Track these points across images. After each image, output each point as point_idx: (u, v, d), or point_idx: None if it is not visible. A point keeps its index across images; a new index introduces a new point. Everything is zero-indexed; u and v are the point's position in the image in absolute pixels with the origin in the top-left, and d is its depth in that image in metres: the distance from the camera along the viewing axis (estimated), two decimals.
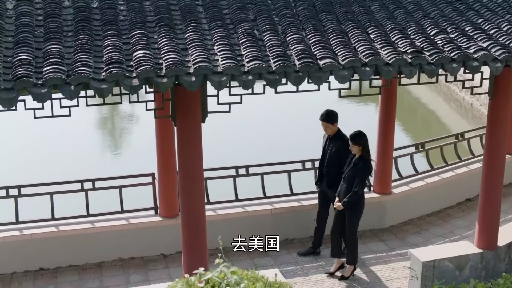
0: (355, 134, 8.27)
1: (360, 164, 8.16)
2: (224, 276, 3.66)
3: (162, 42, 6.14)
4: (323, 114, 8.77)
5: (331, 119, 8.74)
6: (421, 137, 15.70)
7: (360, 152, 8.19)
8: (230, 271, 3.71)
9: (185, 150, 6.74)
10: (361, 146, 8.17)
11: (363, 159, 8.18)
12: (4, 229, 8.69)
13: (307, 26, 6.71)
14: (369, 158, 8.33)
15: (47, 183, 9.05)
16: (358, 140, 8.20)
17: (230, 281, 3.57)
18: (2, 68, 5.60)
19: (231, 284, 3.55)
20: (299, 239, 9.56)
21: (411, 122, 20.81)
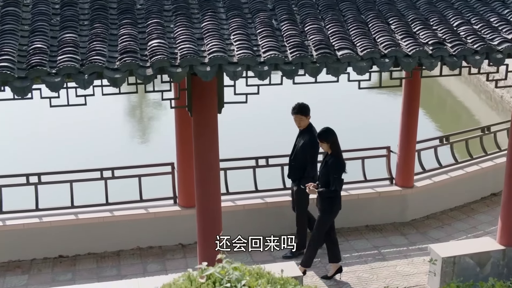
0: (322, 131, 8.11)
1: (331, 161, 8.00)
2: (226, 272, 3.60)
3: (178, 32, 6.07)
4: (295, 107, 8.59)
5: (304, 111, 8.58)
6: (449, 129, 15.46)
7: (329, 149, 8.04)
8: (232, 267, 3.64)
9: (201, 141, 6.70)
10: (329, 143, 8.00)
11: (333, 156, 8.01)
12: (24, 216, 8.76)
13: (326, 16, 6.58)
14: (340, 155, 8.10)
15: (67, 171, 9.08)
16: (325, 137, 8.03)
17: (231, 277, 3.51)
18: (17, 56, 5.59)
19: (232, 281, 3.48)
20: None
21: (440, 113, 20.48)
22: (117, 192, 9.34)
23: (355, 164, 9.94)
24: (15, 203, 8.97)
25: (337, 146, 8.05)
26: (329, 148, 8.05)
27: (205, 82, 5.97)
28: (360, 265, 8.51)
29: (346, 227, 9.56)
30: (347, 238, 9.27)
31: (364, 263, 8.56)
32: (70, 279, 8.25)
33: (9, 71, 5.34)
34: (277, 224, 9.27)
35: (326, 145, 8.05)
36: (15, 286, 8.09)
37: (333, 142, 8.02)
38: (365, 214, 9.65)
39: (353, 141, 11.68)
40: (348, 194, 9.55)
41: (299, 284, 3.87)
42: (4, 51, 5.55)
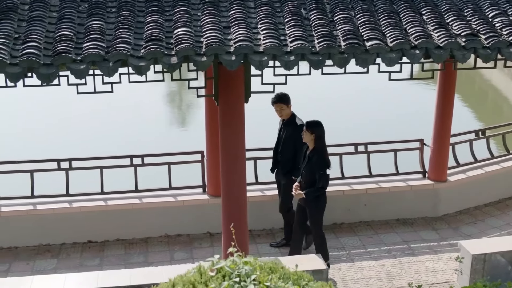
0: (312, 121, 7.81)
1: (315, 157, 7.70)
2: (236, 266, 3.55)
3: (205, 20, 6.02)
4: (275, 97, 8.25)
5: (285, 100, 8.30)
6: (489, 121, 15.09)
7: (312, 142, 7.73)
8: (242, 261, 3.58)
9: (227, 130, 6.66)
10: (315, 136, 7.69)
11: (317, 152, 7.72)
12: (55, 201, 8.85)
13: (356, 6, 6.45)
14: (324, 150, 7.81)
15: (97, 157, 9.14)
16: (313, 128, 7.70)
17: (241, 271, 3.45)
18: (44, 43, 5.62)
19: (242, 275, 3.43)
20: (348, 224, 9.35)
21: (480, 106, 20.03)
22: (147, 179, 9.37)
23: (387, 157, 9.78)
24: (46, 188, 9.06)
25: (322, 141, 7.77)
26: (311, 141, 7.74)
27: (232, 71, 5.92)
28: (388, 259, 8.37)
29: (377, 220, 9.42)
30: (376, 232, 9.13)
31: (392, 258, 8.42)
32: (97, 264, 8.32)
33: (34, 57, 5.37)
34: None
35: (310, 137, 7.73)
36: (44, 269, 8.19)
37: (319, 136, 7.72)
38: (396, 208, 9.48)
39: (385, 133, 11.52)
40: (379, 187, 9.41)
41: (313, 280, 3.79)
42: (31, 37, 5.60)
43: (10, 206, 8.71)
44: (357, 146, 9.66)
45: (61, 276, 7.08)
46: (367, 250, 8.64)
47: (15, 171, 8.95)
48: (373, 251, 8.59)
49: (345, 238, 8.98)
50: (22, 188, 8.96)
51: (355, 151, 9.68)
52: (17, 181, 9.14)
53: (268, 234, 9.13)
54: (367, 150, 9.67)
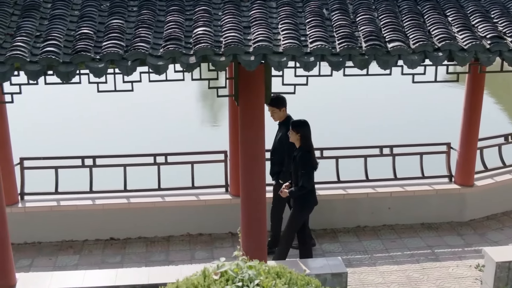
0: (298, 121, 7.76)
1: (299, 155, 7.65)
2: (240, 270, 3.50)
3: (225, 19, 5.99)
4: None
5: (277, 103, 8.15)
6: None
7: (298, 142, 7.69)
8: (247, 265, 3.53)
9: (247, 130, 6.63)
10: (300, 136, 7.63)
11: (302, 152, 7.64)
12: (78, 197, 8.92)
13: (380, 6, 6.35)
14: (309, 150, 7.69)
15: (121, 155, 9.20)
16: (298, 128, 7.66)
17: (244, 276, 3.40)
18: (64, 41, 5.65)
19: (245, 280, 3.38)
20: (372, 227, 9.23)
21: None
22: (170, 178, 9.39)
23: (413, 160, 9.64)
24: (70, 185, 9.14)
25: (308, 140, 7.70)
26: (297, 141, 7.70)
27: (252, 72, 5.87)
28: (411, 264, 8.23)
29: (401, 224, 9.29)
30: (400, 236, 9.00)
31: (415, 262, 8.28)
32: (119, 261, 8.36)
33: (54, 55, 5.40)
34: (330, 217, 9.11)
35: (295, 136, 7.69)
36: (66, 265, 8.26)
37: (304, 136, 7.66)
38: (421, 212, 9.33)
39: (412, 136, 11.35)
40: (404, 190, 9.27)
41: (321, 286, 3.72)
42: (52, 36, 5.63)
43: (34, 202, 8.81)
44: (382, 148, 9.53)
45: (80, 272, 7.13)
46: (389, 254, 8.52)
47: (40, 167, 9.06)
48: (395, 256, 8.46)
49: (367, 241, 8.86)
50: (46, 184, 9.04)
51: (380, 153, 9.56)
52: (42, 177, 9.22)
53: None
54: (392, 152, 9.54)
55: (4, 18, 5.83)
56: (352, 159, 9.64)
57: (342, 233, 9.09)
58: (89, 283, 6.84)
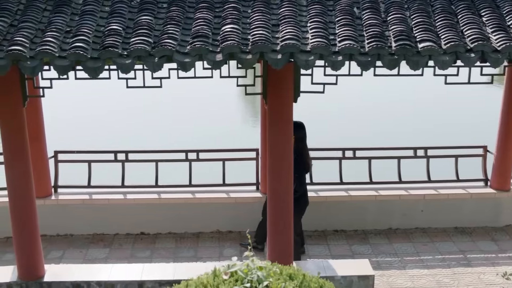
0: (294, 122, 7.38)
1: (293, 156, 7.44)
2: (249, 271, 3.46)
3: (254, 17, 5.96)
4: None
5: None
6: None
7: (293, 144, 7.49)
8: (257, 266, 3.50)
9: (275, 128, 6.60)
10: (295, 137, 7.43)
11: (295, 154, 7.39)
12: (110, 191, 9.02)
13: (412, 5, 6.22)
14: (304, 153, 7.62)
15: (154, 151, 9.26)
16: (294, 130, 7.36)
17: (253, 277, 3.37)
18: (93, 37, 5.70)
19: (253, 281, 3.34)
20: (403, 229, 9.09)
21: None
22: (201, 174, 9.41)
23: (448, 162, 9.45)
24: (102, 179, 9.24)
25: (302, 143, 7.63)
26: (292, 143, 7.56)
27: (281, 70, 5.84)
28: (442, 269, 8.07)
29: (433, 227, 9.12)
30: (432, 239, 8.83)
31: (446, 267, 8.12)
32: (148, 256, 8.42)
33: (82, 51, 5.45)
34: (360, 218, 9.01)
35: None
36: (96, 258, 8.36)
37: (299, 138, 7.62)
38: (454, 215, 9.14)
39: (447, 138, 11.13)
40: (438, 193, 9.09)
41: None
42: (81, 31, 5.69)
43: (67, 195, 8.94)
44: (416, 150, 9.37)
45: (108, 266, 7.21)
46: (420, 257, 8.37)
47: (74, 161, 9.19)
48: (426, 259, 8.31)
49: (398, 244, 8.73)
50: (79, 178, 9.17)
51: (414, 155, 9.40)
52: (75, 171, 9.35)
53: (320, 236, 8.99)
54: (426, 154, 9.37)
55: (36, 13, 5.92)
56: (385, 160, 9.49)
57: (373, 235, 8.97)
58: (116, 277, 6.92)
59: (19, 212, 6.65)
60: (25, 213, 6.66)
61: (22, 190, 6.60)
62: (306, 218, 8.90)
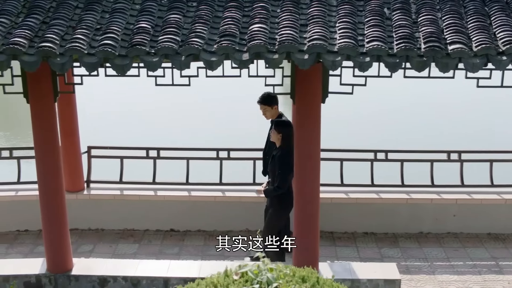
0: (281, 121, 7.78)
1: (278, 155, 7.58)
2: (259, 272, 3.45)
3: (282, 17, 5.94)
4: (260, 97, 8.12)
5: (268, 101, 8.06)
6: None
7: (279, 142, 7.64)
8: (267, 268, 3.48)
9: (302, 129, 6.57)
10: (281, 136, 7.58)
11: (281, 152, 7.55)
12: (141, 188, 9.11)
13: (444, 6, 6.11)
14: (289, 150, 7.46)
15: (185, 148, 9.34)
16: (279, 127, 7.67)
17: (262, 278, 3.35)
18: (122, 35, 5.76)
19: (262, 282, 3.33)
20: (435, 234, 8.93)
21: None
22: (232, 173, 9.44)
23: (482, 167, 9.27)
24: (133, 175, 9.34)
25: (289, 141, 7.54)
26: (278, 140, 7.68)
27: (309, 70, 5.81)
28: (472, 275, 7.92)
29: (466, 233, 8.94)
30: (464, 245, 8.67)
31: (477, 274, 7.96)
32: (176, 253, 8.48)
33: (110, 48, 5.52)
34: (390, 221, 8.91)
35: (277, 136, 7.68)
36: (125, 253, 8.45)
37: (285, 136, 7.61)
38: (488, 221, 8.95)
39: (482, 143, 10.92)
40: (471, 198, 8.92)
41: None
42: (111, 29, 5.77)
43: (99, 190, 9.07)
44: (450, 153, 9.22)
45: (134, 261, 7.31)
46: (450, 263, 8.23)
47: (107, 157, 9.32)
48: (457, 265, 8.17)
49: (429, 248, 8.59)
50: (111, 173, 9.29)
51: (448, 158, 9.24)
52: (108, 166, 9.47)
53: (350, 238, 8.92)
54: (460, 158, 9.20)
55: (68, 10, 6.02)
56: (417, 163, 9.36)
57: (403, 238, 8.86)
58: (142, 272, 7.00)
59: (49, 206, 6.78)
60: (54, 207, 6.78)
61: (52, 184, 6.72)
62: (337, 219, 8.88)
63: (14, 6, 6.01)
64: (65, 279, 6.92)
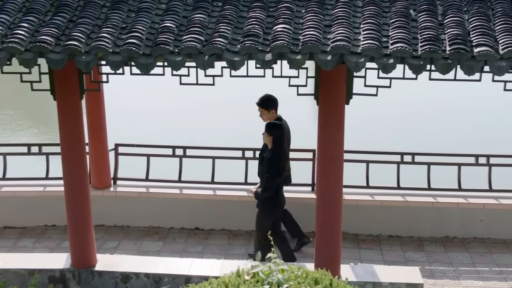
0: (273, 123, 7.79)
1: (267, 157, 7.60)
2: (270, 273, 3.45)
3: (307, 17, 5.92)
4: (258, 99, 8.13)
5: (265, 104, 8.08)
6: None
7: (271, 144, 7.68)
8: (279, 269, 3.47)
9: (326, 130, 6.55)
10: (272, 138, 7.60)
11: (271, 154, 7.56)
12: (167, 186, 9.17)
13: (471, 8, 6.03)
14: (278, 154, 7.57)
15: (211, 147, 9.38)
16: (270, 130, 7.71)
17: (273, 279, 3.35)
18: (147, 34, 5.81)
19: (273, 283, 3.32)
20: (461, 239, 8.83)
21: None
22: None
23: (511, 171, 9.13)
24: (159, 173, 9.41)
25: (279, 144, 7.62)
26: (270, 142, 7.71)
27: (333, 71, 5.79)
28: (497, 282, 7.80)
29: (493, 238, 8.82)
30: (490, 250, 8.55)
31: (503, 280, 7.84)
32: (200, 251, 8.52)
33: (134, 47, 5.58)
34: (414, 224, 8.83)
35: (268, 138, 7.71)
36: (149, 250, 8.53)
37: (276, 139, 7.64)
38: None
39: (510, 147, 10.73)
40: (499, 203, 8.78)
41: None
42: (136, 28, 5.82)
43: (125, 187, 9.17)
44: (478, 157, 9.09)
45: (157, 259, 7.38)
46: (476, 268, 8.12)
47: (133, 154, 9.41)
48: (482, 271, 8.06)
49: (454, 253, 8.49)
50: (137, 171, 9.38)
51: (476, 162, 9.11)
52: (134, 164, 9.57)
53: (374, 240, 8.86)
54: (488, 162, 9.07)
55: (94, 9, 6.09)
56: (444, 166, 9.25)
57: (428, 242, 8.77)
58: (164, 270, 7.05)
59: (74, 202, 6.87)
60: (79, 203, 6.88)
61: (77, 181, 6.81)
62: (361, 222, 8.83)
63: (43, 5, 6.10)
64: (88, 274, 7.01)
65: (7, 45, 5.59)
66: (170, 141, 9.87)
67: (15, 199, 9.05)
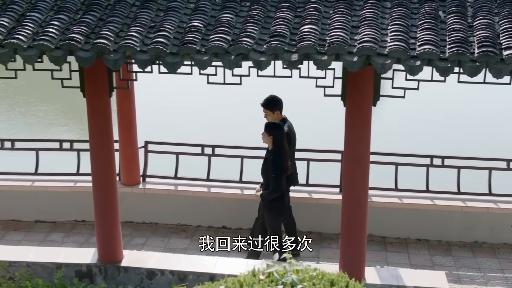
0: (272, 123, 7.77)
1: (270, 159, 7.62)
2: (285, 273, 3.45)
3: (334, 18, 5.91)
4: (263, 100, 8.10)
5: (270, 105, 8.05)
6: None
7: (271, 144, 7.73)
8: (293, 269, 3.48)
9: (352, 131, 6.52)
10: (272, 138, 7.59)
11: (273, 155, 7.56)
12: (195, 184, 9.24)
13: (502, 10, 5.94)
14: (280, 153, 7.57)
15: (239, 147, 9.40)
16: (270, 130, 7.73)
17: (287, 280, 3.35)
18: (174, 33, 5.87)
19: (287, 284, 3.33)
20: (490, 244, 8.70)
21: None
22: None
23: None
24: (188, 171, 9.48)
25: (280, 143, 7.62)
26: (270, 142, 7.71)
27: (360, 73, 5.77)
28: None
29: None
30: None
31: None
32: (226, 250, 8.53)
33: (162, 46, 5.64)
34: (442, 229, 8.73)
35: (268, 138, 7.72)
36: (176, 248, 8.60)
37: (276, 139, 7.64)
38: None
39: None
40: None
41: None
42: (164, 27, 5.88)
43: (154, 184, 9.26)
44: (510, 162, 8.94)
45: (181, 256, 7.45)
46: (504, 275, 8.00)
47: (163, 152, 9.50)
48: (511, 277, 7.93)
49: (483, 258, 8.37)
50: (166, 168, 9.46)
51: (507, 167, 8.96)
52: (163, 161, 9.66)
53: (402, 244, 8.79)
54: None
55: (124, 8, 6.18)
56: (475, 170, 9.12)
57: (457, 247, 8.66)
58: (189, 267, 7.11)
59: (101, 198, 6.97)
60: (107, 199, 6.98)
61: (105, 177, 6.91)
62: (389, 224, 8.77)
63: (74, 3, 6.21)
64: (114, 270, 7.10)
65: (38, 43, 5.71)
66: (199, 139, 9.92)
67: (46, 194, 9.23)
